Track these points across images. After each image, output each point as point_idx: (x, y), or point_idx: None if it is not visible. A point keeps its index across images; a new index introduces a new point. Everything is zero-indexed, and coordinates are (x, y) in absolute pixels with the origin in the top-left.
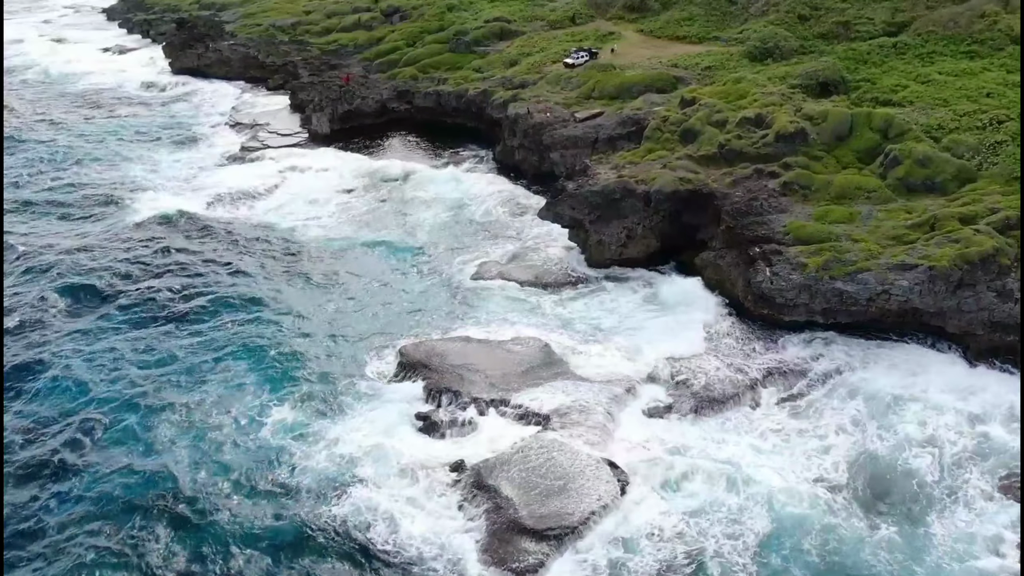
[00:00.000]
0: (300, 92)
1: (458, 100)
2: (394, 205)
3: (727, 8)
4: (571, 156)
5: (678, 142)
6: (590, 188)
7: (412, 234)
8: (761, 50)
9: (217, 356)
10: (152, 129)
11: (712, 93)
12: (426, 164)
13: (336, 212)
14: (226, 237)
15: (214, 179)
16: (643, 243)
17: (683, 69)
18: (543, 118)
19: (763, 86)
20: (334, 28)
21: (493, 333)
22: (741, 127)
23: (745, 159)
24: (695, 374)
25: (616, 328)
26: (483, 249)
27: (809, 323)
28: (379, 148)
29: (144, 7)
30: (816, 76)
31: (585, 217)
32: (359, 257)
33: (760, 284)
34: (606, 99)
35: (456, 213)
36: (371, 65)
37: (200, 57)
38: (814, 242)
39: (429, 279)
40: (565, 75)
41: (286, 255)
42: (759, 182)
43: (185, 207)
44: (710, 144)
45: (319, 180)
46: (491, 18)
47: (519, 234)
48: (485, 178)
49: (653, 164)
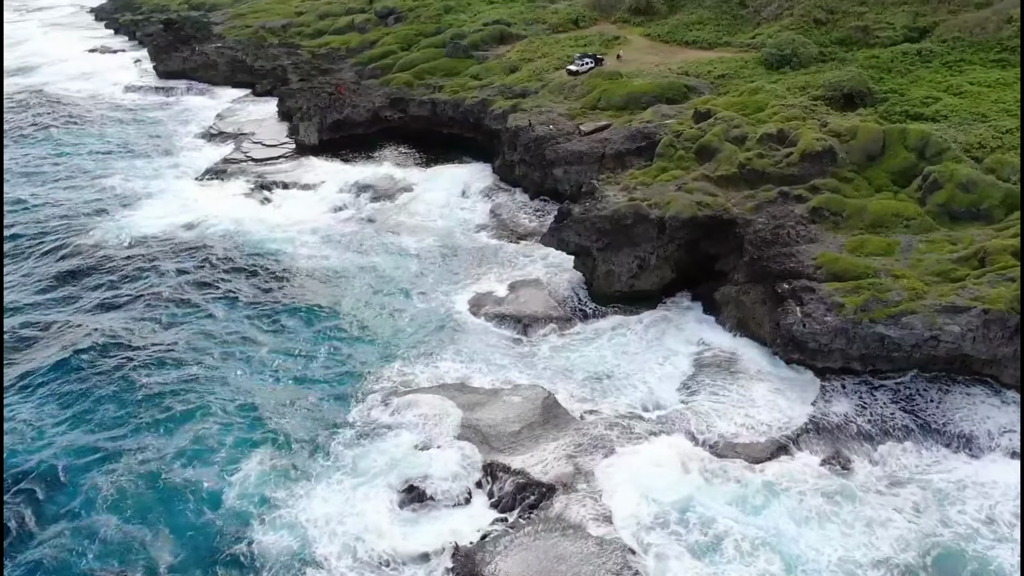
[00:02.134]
0: (288, 99)
1: (454, 109)
2: (385, 225)
3: (738, 11)
4: (576, 173)
5: (694, 160)
6: (598, 212)
7: (403, 259)
8: (778, 57)
9: (184, 400)
10: (131, 138)
11: (728, 105)
12: (420, 178)
13: (322, 232)
14: (201, 262)
15: (192, 195)
16: (657, 274)
17: (694, 77)
18: (545, 131)
19: (782, 97)
20: (326, 30)
21: (490, 377)
22: (762, 144)
23: (768, 180)
24: (719, 428)
25: (628, 376)
26: (480, 277)
27: (844, 369)
28: (370, 160)
29: (132, 7)
30: (840, 87)
31: (592, 244)
32: (345, 286)
33: (791, 327)
34: (613, 110)
35: (451, 234)
36: (364, 70)
37: (185, 60)
38: (850, 278)
39: (420, 313)
40: (569, 83)
41: (265, 284)
42: (784, 207)
43: (158, 229)
44: (729, 163)
45: (305, 197)
46: (490, 21)
47: (519, 260)
48: (482, 196)
49: (667, 185)
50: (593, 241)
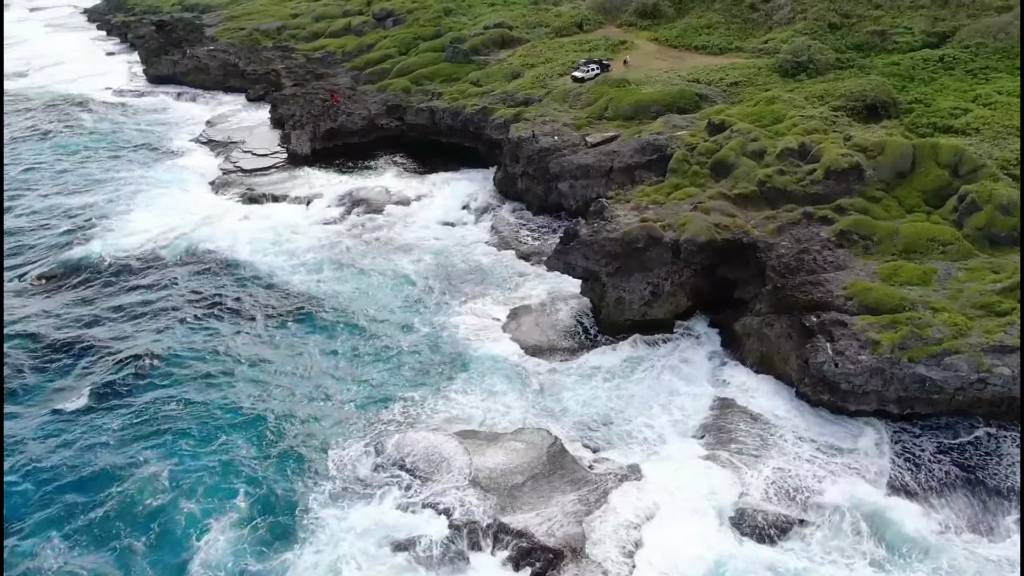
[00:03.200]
0: (281, 105)
1: (454, 118)
2: (380, 242)
3: (749, 15)
4: (582, 187)
5: (709, 176)
6: (607, 235)
7: (399, 281)
8: (793, 64)
9: (152, 443)
10: (114, 147)
11: (742, 115)
12: (417, 191)
13: (313, 250)
14: (181, 285)
15: (175, 210)
16: (671, 301)
17: (706, 85)
18: (550, 142)
19: (801, 107)
20: (322, 32)
21: (490, 417)
22: (783, 160)
23: (790, 200)
24: (745, 489)
25: (641, 418)
26: (480, 302)
27: (878, 411)
28: (365, 171)
29: (125, 8)
30: (863, 97)
31: (602, 269)
32: (337, 311)
33: (821, 366)
34: (620, 120)
35: (450, 253)
36: (360, 75)
37: (176, 64)
38: (884, 311)
39: (417, 342)
40: (574, 90)
41: (249, 309)
42: (809, 229)
43: (136, 247)
44: (748, 181)
45: (296, 211)
46: (491, 24)
47: (522, 282)
48: (482, 211)
49: (681, 204)
50: (602, 265)
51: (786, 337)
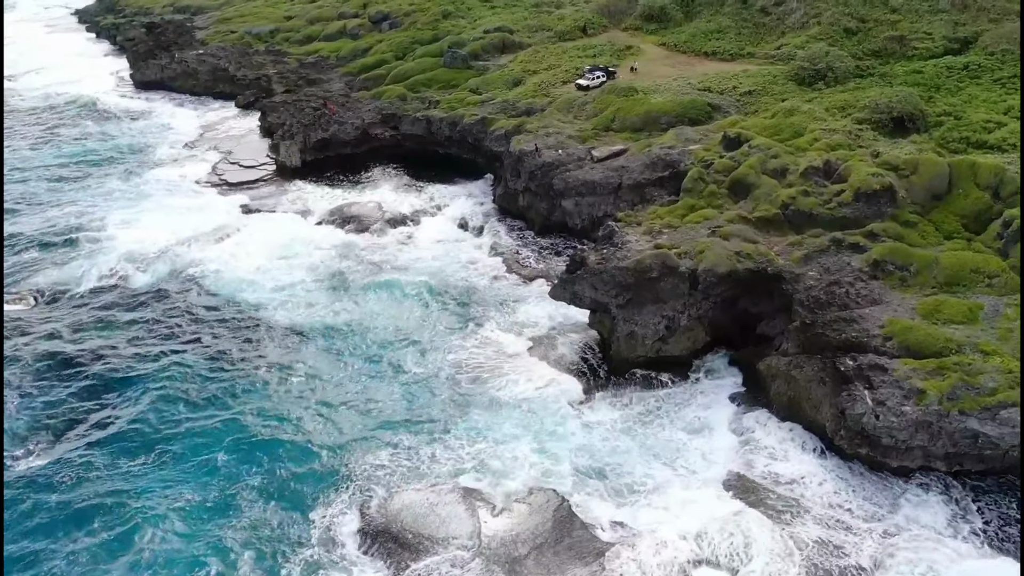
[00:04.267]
0: (271, 113)
1: (451, 128)
2: (373, 264)
3: (760, 19)
4: (588, 205)
5: (727, 197)
6: (618, 263)
7: (392, 308)
8: (810, 72)
9: (114, 498)
10: (94, 158)
11: (759, 128)
12: (413, 206)
13: (300, 274)
14: (156, 314)
15: (155, 228)
16: (688, 337)
17: (718, 94)
18: (553, 156)
19: (822, 120)
20: (317, 36)
21: (490, 472)
22: (807, 179)
23: (816, 224)
24: (785, 558)
25: (658, 474)
26: (480, 333)
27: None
28: (357, 184)
29: (115, 10)
30: (888, 109)
31: (612, 300)
32: (326, 344)
33: (860, 418)
34: (628, 132)
35: (448, 276)
36: (354, 81)
37: (164, 69)
38: (929, 354)
39: (413, 381)
40: (578, 100)
41: (227, 343)
42: (839, 258)
43: (107, 271)
44: (769, 202)
45: (283, 229)
46: (491, 28)
47: (525, 310)
48: (481, 230)
49: (698, 228)
50: (612, 297)
51: (818, 382)
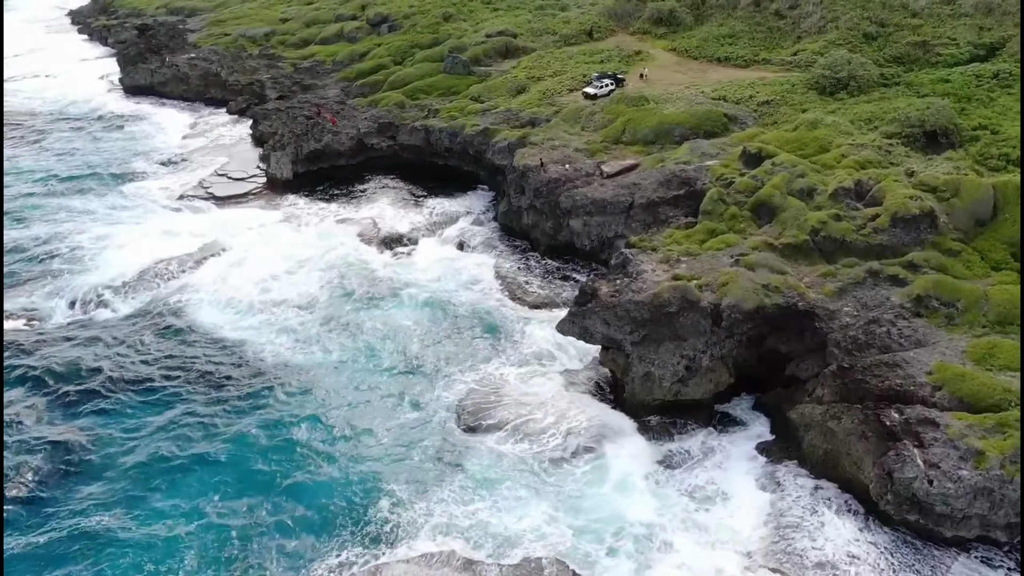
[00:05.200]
0: (263, 121)
1: (452, 139)
2: (367, 289)
3: (774, 23)
4: (597, 225)
5: (750, 220)
6: (633, 296)
7: (387, 339)
8: (832, 80)
9: (85, 559)
10: (74, 169)
11: (781, 142)
12: (411, 223)
13: (288, 304)
14: (126, 347)
15: (134, 249)
16: (710, 379)
17: (734, 103)
18: (560, 171)
19: (849, 134)
20: (313, 39)
21: (489, 538)
22: (837, 201)
23: (850, 252)
24: None
25: (680, 541)
26: (482, 367)
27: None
28: (353, 199)
29: (109, 11)
30: (921, 122)
31: (626, 337)
32: (313, 385)
33: (910, 483)
34: (640, 145)
35: (447, 303)
36: (350, 87)
37: (153, 73)
38: (984, 407)
39: (408, 426)
40: (586, 109)
41: (208, 383)
42: (877, 291)
43: (78, 298)
44: (797, 227)
45: (272, 249)
46: (493, 32)
47: (530, 342)
48: (483, 249)
49: (719, 256)
50: (626, 333)
51: (859, 436)
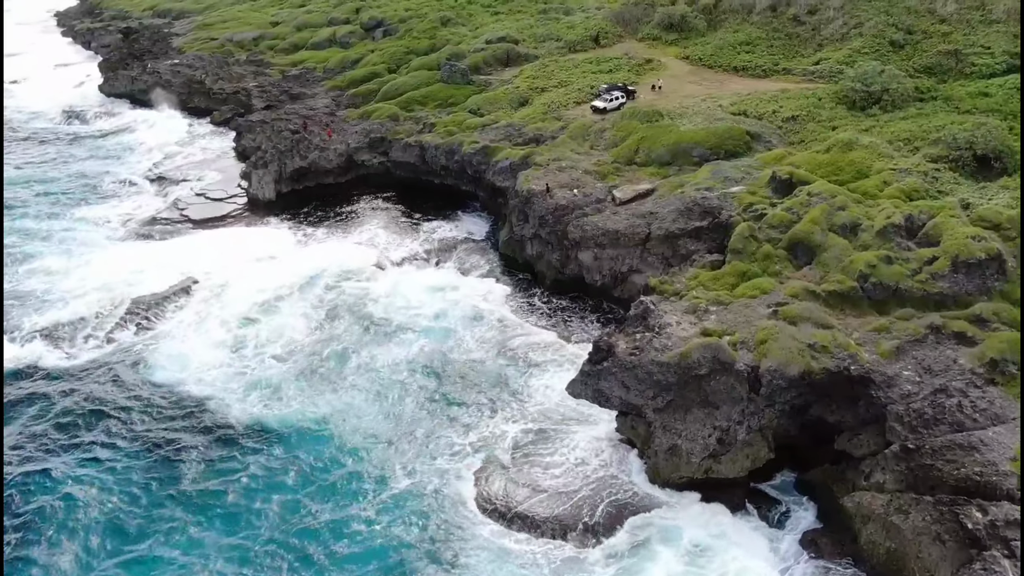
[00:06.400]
0: (247, 134)
1: (448, 157)
2: (355, 329)
3: (792, 29)
4: (610, 259)
5: (785, 260)
6: (656, 356)
7: (376, 399)
8: (863, 94)
9: None
10: (36, 188)
11: (813, 165)
12: (403, 251)
13: (266, 349)
14: (73, 412)
15: (92, 286)
16: (746, 454)
17: (756, 119)
18: (568, 197)
19: (888, 157)
20: (304, 44)
21: None
22: (886, 239)
23: (905, 301)
24: None
25: None
26: (480, 428)
27: None
28: (341, 222)
29: (95, 13)
30: (969, 144)
31: (648, 403)
32: (284, 460)
33: None
34: (655, 166)
35: (443, 348)
36: (341, 96)
37: (134, 81)
38: None
39: (393, 506)
40: (595, 125)
41: (166, 450)
42: (941, 352)
43: (23, 352)
44: (843, 271)
45: (247, 283)
46: (494, 37)
47: (536, 394)
48: (483, 284)
49: (754, 306)
50: (648, 398)
51: (932, 537)
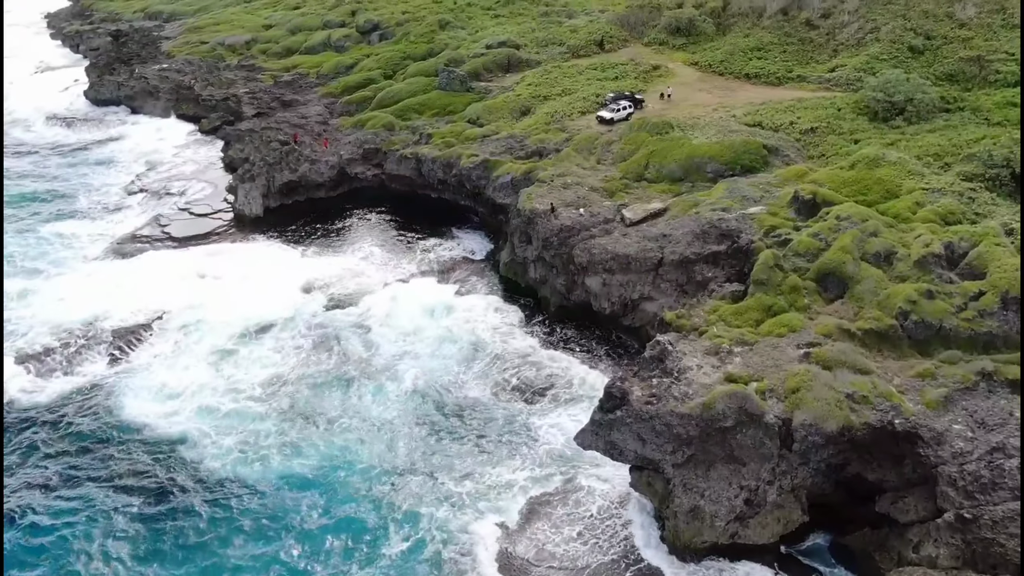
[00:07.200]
0: (235, 144)
1: (446, 171)
2: (342, 360)
3: (805, 34)
4: (619, 285)
5: (815, 292)
6: (675, 406)
7: (368, 443)
8: (885, 104)
9: None
10: (18, 198)
11: (837, 183)
12: (397, 273)
13: (245, 387)
14: (29, 458)
15: (58, 309)
16: (777, 517)
17: (772, 131)
18: (573, 217)
19: (918, 174)
20: (297, 48)
21: None
22: (925, 270)
23: (949, 341)
24: None
25: None
26: (484, 476)
27: None
28: (333, 239)
29: (85, 15)
30: (1006, 161)
31: (666, 458)
32: (269, 508)
33: None
34: (666, 182)
35: (440, 384)
36: (334, 104)
37: (120, 87)
38: None
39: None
40: (601, 138)
41: (131, 503)
42: (994, 402)
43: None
44: (879, 307)
45: (230, 310)
46: (494, 42)
47: (540, 440)
48: (483, 310)
49: (782, 347)
50: (667, 453)
51: None
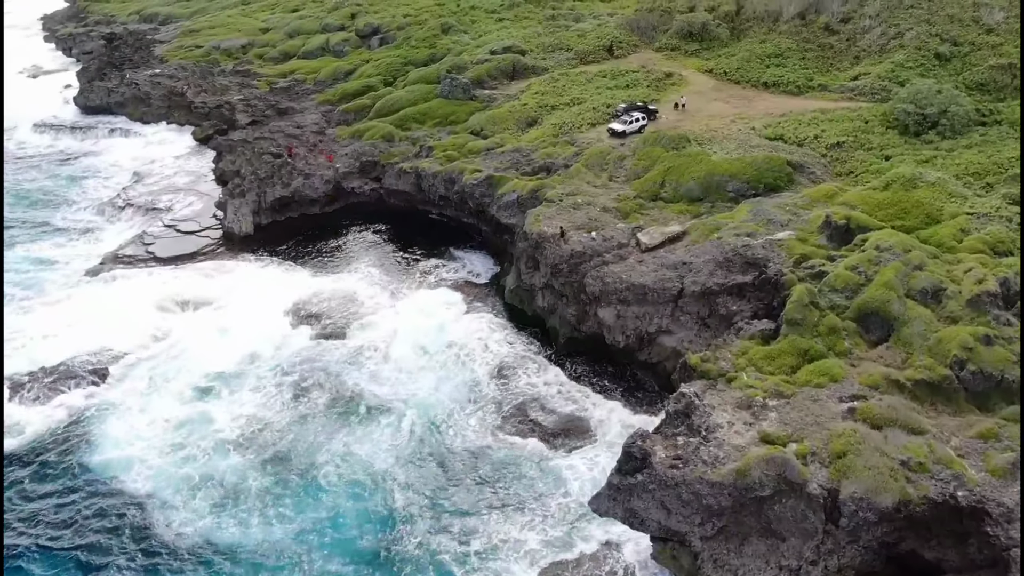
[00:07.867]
0: (226, 155)
1: (448, 187)
2: (333, 410)
3: (826, 39)
4: (635, 317)
5: (855, 334)
6: (704, 473)
7: (359, 501)
8: (917, 118)
9: None
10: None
11: (871, 205)
12: (396, 295)
13: (218, 438)
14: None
15: (24, 341)
16: None
17: (796, 145)
18: (585, 242)
19: (960, 197)
20: (295, 52)
21: None
22: (980, 311)
23: (1011, 394)
24: None
25: None
26: (490, 534)
27: None
28: (325, 262)
29: (80, 17)
30: None
31: (694, 529)
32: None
33: None
34: (684, 201)
35: (438, 432)
36: (332, 112)
37: (111, 93)
38: None
39: None
40: (613, 152)
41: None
42: None
43: None
44: (931, 353)
45: (212, 344)
46: (499, 48)
47: (552, 491)
48: (486, 341)
49: (823, 399)
50: (695, 524)
51: None
